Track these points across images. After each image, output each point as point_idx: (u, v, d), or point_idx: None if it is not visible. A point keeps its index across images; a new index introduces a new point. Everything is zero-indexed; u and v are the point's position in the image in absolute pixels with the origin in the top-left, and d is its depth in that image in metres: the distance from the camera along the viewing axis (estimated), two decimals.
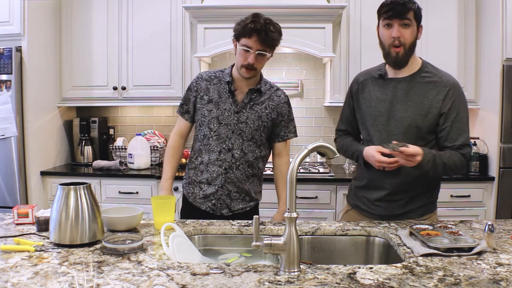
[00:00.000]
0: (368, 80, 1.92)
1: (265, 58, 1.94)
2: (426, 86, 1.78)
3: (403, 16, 1.71)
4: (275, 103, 2.06)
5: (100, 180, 3.18)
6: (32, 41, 3.09)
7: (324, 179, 3.05)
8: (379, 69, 1.90)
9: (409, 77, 1.81)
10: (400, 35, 1.72)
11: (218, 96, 2.02)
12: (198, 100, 2.05)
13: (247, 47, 1.89)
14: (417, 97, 1.78)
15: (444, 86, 1.77)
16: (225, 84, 2.02)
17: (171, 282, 1.15)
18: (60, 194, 1.43)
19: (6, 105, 2.99)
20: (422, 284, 1.14)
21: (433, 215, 1.90)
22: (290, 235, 1.24)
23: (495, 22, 3.03)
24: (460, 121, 1.76)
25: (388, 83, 1.85)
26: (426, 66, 1.83)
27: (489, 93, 3.16)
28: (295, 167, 1.26)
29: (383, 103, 1.83)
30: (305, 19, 3.11)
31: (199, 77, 2.09)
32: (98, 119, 3.60)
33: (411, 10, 1.72)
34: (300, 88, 3.67)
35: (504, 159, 3.04)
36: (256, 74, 1.98)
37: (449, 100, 1.75)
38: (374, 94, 1.87)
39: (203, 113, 2.03)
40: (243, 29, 1.88)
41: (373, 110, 1.85)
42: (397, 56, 1.76)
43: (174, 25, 3.34)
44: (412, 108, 1.77)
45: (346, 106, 2.02)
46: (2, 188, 3.04)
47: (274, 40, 1.91)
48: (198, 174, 2.05)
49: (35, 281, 1.14)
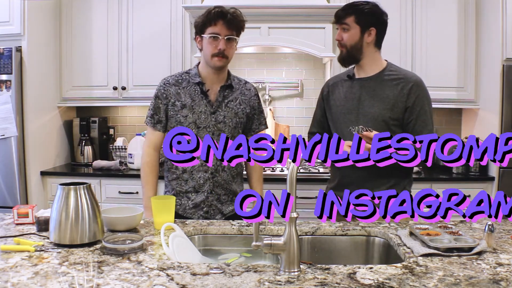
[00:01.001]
0: (337, 82, 2.07)
1: (233, 43, 1.93)
2: (391, 83, 1.91)
3: (341, 21, 1.91)
4: (247, 97, 2.05)
5: (100, 180, 3.18)
6: (32, 41, 3.09)
7: (324, 179, 3.04)
8: (348, 72, 2.04)
9: (375, 75, 1.95)
10: (340, 38, 1.93)
11: (191, 99, 1.96)
12: (170, 107, 1.97)
13: (215, 33, 1.88)
14: (383, 93, 1.90)
15: (408, 82, 1.89)
16: (195, 85, 1.97)
17: (171, 282, 1.15)
18: (60, 194, 1.43)
19: (6, 105, 2.99)
20: (422, 284, 1.14)
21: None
22: (290, 235, 1.24)
23: (495, 22, 3.03)
24: (424, 114, 1.87)
25: (356, 83, 1.98)
26: (391, 66, 1.98)
27: (489, 93, 3.16)
28: (295, 167, 1.26)
29: (352, 101, 1.96)
30: (305, 19, 3.11)
31: (166, 82, 2.01)
32: (98, 119, 3.60)
33: (349, 15, 1.88)
34: (300, 88, 3.67)
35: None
36: (227, 63, 1.95)
37: (413, 95, 1.87)
38: (343, 93, 2.01)
39: (178, 120, 1.96)
40: (207, 18, 1.89)
41: (342, 108, 1.98)
42: (341, 54, 1.96)
43: (174, 25, 3.34)
44: (379, 103, 1.89)
45: (317, 109, 2.16)
46: (2, 188, 3.04)
47: (240, 22, 1.91)
48: (182, 184, 2.00)
49: (35, 281, 1.14)
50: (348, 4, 1.93)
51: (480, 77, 3.27)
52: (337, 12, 1.93)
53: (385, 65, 1.96)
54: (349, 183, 1.93)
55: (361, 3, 1.90)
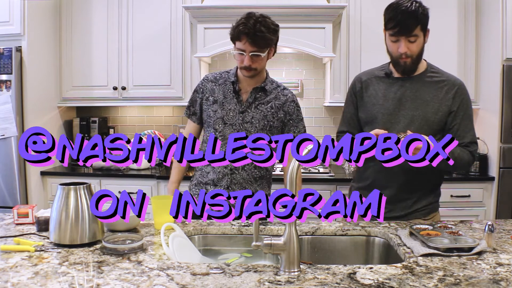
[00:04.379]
0: (372, 79, 1.90)
1: (261, 58, 1.90)
2: (435, 85, 1.80)
3: (410, 33, 1.69)
4: (281, 102, 2.02)
5: (100, 180, 3.18)
6: (32, 41, 3.09)
7: (324, 179, 3.05)
8: (382, 69, 1.89)
9: (417, 76, 1.82)
10: (407, 50, 1.71)
11: (223, 96, 2.01)
12: (204, 102, 2.05)
13: (240, 50, 1.89)
14: (426, 95, 1.79)
15: (453, 85, 1.79)
16: (230, 84, 2.02)
17: (171, 282, 1.15)
18: (60, 194, 1.43)
19: (6, 105, 2.99)
20: (422, 284, 1.14)
21: (437, 213, 1.90)
22: (290, 235, 1.24)
23: (495, 22, 3.03)
24: (467, 119, 1.78)
25: (395, 82, 1.83)
26: (431, 67, 1.85)
27: (489, 93, 3.16)
28: (295, 167, 1.26)
29: (391, 100, 1.81)
30: (305, 19, 3.11)
31: (205, 78, 2.09)
32: (98, 119, 3.60)
33: (418, 25, 1.68)
34: (300, 88, 3.67)
35: (504, 159, 3.04)
36: (257, 73, 1.96)
37: (458, 99, 1.77)
38: (381, 92, 1.85)
39: (208, 114, 2.03)
40: (233, 33, 1.88)
41: (380, 108, 1.82)
42: (405, 65, 1.77)
43: (174, 25, 3.34)
44: (423, 106, 1.77)
45: (349, 106, 1.96)
46: (2, 188, 3.04)
47: (266, 40, 1.86)
48: (204, 175, 2.04)
49: (35, 281, 1.14)
50: (410, 13, 1.66)
51: (480, 77, 3.27)
52: (400, 22, 1.66)
53: (426, 65, 1.84)
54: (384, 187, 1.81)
55: (416, 6, 1.67)
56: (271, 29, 1.88)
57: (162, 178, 3.10)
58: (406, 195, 1.82)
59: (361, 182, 1.93)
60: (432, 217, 1.86)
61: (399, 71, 1.82)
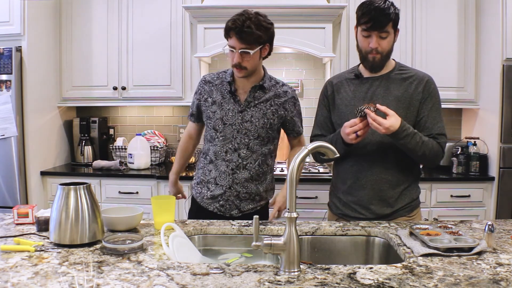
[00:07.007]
0: (342, 81, 1.95)
1: (251, 55, 1.86)
2: (404, 81, 1.85)
3: (382, 29, 1.75)
4: (281, 99, 2.02)
5: (100, 180, 3.18)
6: (32, 41, 3.09)
7: (324, 179, 3.05)
8: (352, 71, 1.96)
9: (386, 75, 1.87)
10: (378, 45, 1.78)
11: (221, 97, 2.01)
12: (202, 103, 2.06)
13: (231, 47, 1.88)
14: (397, 91, 1.83)
15: (422, 80, 1.84)
16: (227, 84, 2.02)
17: (171, 282, 1.15)
18: (60, 194, 1.43)
19: (6, 105, 2.99)
20: (422, 284, 1.14)
21: (419, 209, 1.93)
22: (290, 235, 1.24)
23: (495, 22, 3.04)
24: (436, 110, 1.83)
25: (365, 82, 1.89)
26: (400, 65, 1.91)
27: (489, 93, 3.16)
28: (295, 167, 1.26)
29: (363, 100, 1.85)
30: (305, 19, 3.11)
31: (202, 80, 2.10)
32: (98, 119, 3.60)
33: (390, 21, 1.74)
34: (300, 88, 3.67)
35: (504, 159, 3.04)
36: (249, 72, 1.93)
37: (427, 91, 1.82)
38: (352, 93, 1.90)
39: (208, 115, 2.03)
40: (225, 29, 1.88)
41: (352, 108, 1.83)
42: (374, 61, 1.82)
43: (174, 25, 3.34)
44: (394, 102, 1.81)
45: (321, 110, 2.00)
46: (2, 188, 3.04)
47: (254, 36, 1.83)
48: (206, 173, 2.05)
49: (35, 281, 1.14)
50: (383, 9, 1.72)
51: (480, 77, 3.27)
52: (373, 18, 1.72)
53: (395, 64, 1.89)
54: (363, 186, 1.83)
55: (388, 4, 1.74)
56: (261, 26, 1.85)
57: (162, 178, 3.10)
58: (387, 194, 1.83)
59: (341, 185, 1.93)
60: (415, 214, 1.89)
61: (367, 67, 1.86)
